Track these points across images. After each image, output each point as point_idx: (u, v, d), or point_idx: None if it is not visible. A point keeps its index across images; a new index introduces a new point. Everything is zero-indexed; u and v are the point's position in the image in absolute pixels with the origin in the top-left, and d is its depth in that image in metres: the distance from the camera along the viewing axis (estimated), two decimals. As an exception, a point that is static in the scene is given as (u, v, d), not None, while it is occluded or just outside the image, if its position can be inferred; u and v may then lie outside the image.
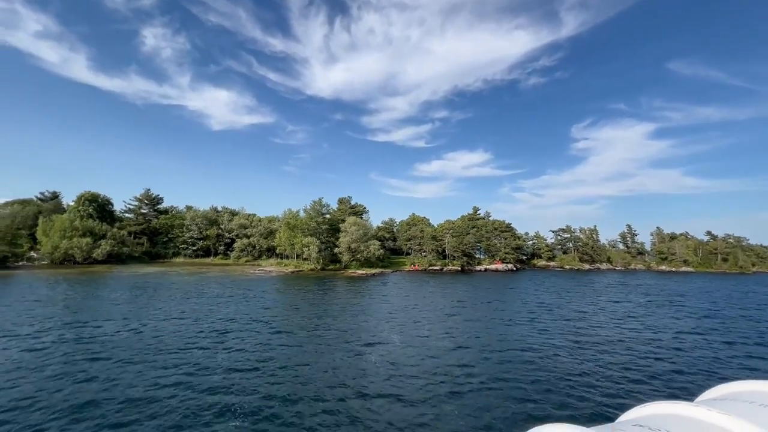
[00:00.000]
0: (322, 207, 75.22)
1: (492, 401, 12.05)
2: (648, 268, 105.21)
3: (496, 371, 15.06)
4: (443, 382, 13.46)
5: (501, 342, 19.39)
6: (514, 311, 29.19)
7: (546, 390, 13.14)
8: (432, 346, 18.21)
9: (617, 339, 20.54)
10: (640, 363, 16.26)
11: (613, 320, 26.38)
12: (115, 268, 59.38)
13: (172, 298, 31.37)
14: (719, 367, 16.26)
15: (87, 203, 70.61)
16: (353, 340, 19.01)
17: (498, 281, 57.90)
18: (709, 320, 27.14)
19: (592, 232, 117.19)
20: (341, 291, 40.27)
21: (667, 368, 15.70)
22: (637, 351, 18.18)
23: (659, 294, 44.28)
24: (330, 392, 12.27)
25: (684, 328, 24.16)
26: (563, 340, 20.00)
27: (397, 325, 22.84)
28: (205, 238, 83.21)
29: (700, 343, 20.42)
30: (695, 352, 18.52)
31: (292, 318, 24.13)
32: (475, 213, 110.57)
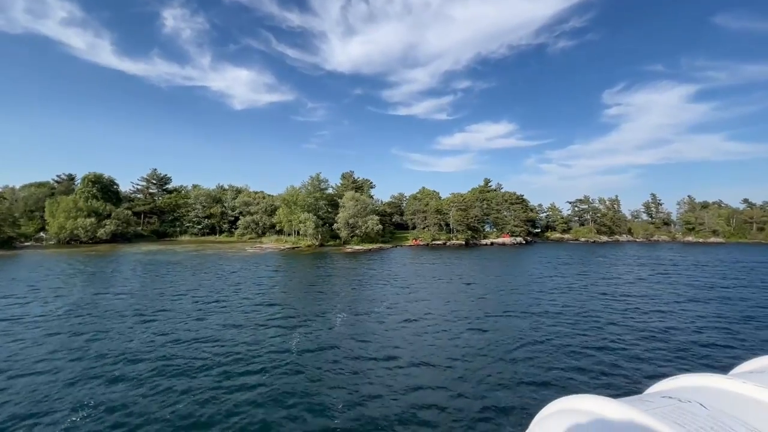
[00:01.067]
0: (321, 182, 73.46)
1: (512, 374, 11.84)
2: (673, 239, 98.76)
3: (503, 348, 14.21)
4: (457, 359, 12.03)
5: (504, 316, 17.34)
6: (505, 285, 26.88)
7: (566, 361, 12.70)
8: (431, 325, 16.41)
9: (606, 312, 18.04)
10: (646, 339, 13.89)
11: (607, 295, 23.66)
12: (118, 246, 60.61)
13: (135, 274, 30.91)
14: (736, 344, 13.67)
15: (91, 184, 71.86)
16: (307, 324, 17.41)
17: (499, 255, 55.09)
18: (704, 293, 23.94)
19: (614, 203, 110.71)
20: (325, 268, 38.92)
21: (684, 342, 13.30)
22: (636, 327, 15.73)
23: (655, 266, 40.48)
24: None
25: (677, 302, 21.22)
26: (567, 314, 17.72)
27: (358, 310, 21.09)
28: (210, 216, 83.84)
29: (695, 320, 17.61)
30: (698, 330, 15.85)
31: (249, 296, 22.84)
32: (486, 185, 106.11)
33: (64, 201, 66.03)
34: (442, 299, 22.93)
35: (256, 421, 8.96)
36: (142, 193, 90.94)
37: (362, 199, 71.08)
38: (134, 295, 23.12)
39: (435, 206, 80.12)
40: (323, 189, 73.85)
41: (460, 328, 16.53)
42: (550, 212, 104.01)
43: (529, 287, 27.42)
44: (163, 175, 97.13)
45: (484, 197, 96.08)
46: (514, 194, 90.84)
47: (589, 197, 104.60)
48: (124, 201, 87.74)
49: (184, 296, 22.92)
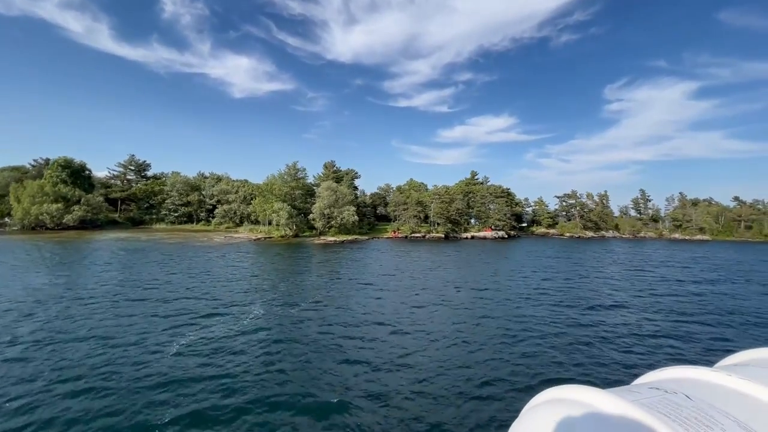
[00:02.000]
0: (298, 171, 71.56)
1: (498, 366, 11.58)
2: (660, 236, 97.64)
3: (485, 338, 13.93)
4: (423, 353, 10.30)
5: (474, 308, 15.87)
6: (469, 279, 25.41)
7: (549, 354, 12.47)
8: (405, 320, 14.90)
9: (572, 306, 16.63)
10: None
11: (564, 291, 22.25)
12: (84, 234, 58.85)
13: (74, 261, 29.27)
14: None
15: (60, 169, 69.62)
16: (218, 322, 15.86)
17: (474, 249, 53.68)
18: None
19: (603, 198, 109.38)
20: (285, 260, 37.33)
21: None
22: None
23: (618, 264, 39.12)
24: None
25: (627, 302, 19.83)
26: (539, 305, 16.28)
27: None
28: (187, 204, 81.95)
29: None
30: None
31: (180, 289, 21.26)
32: (472, 177, 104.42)
33: (30, 185, 63.98)
34: (398, 293, 21.45)
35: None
36: (119, 180, 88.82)
37: (340, 189, 69.35)
38: (52, 283, 21.52)
39: (416, 198, 78.44)
40: (300, 178, 71.91)
41: (428, 325, 15.06)
42: (537, 207, 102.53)
43: (485, 280, 26.00)
44: (143, 161, 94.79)
45: (470, 190, 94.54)
46: (499, 187, 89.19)
47: (576, 192, 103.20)
48: (100, 187, 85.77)
49: (104, 286, 21.35)
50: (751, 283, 28.90)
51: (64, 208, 63.76)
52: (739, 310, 19.56)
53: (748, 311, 19.48)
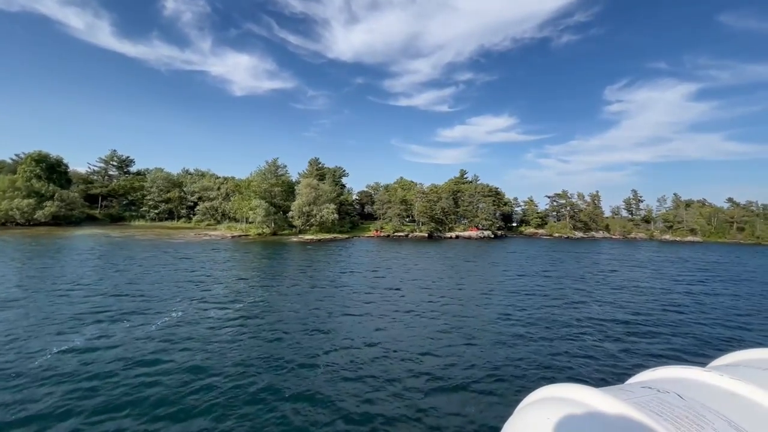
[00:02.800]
0: (278, 168, 69.96)
1: (491, 366, 11.20)
2: (651, 237, 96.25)
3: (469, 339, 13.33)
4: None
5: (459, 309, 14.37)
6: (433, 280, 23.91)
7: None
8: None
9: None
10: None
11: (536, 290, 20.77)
12: (54, 230, 57.21)
13: (18, 257, 27.72)
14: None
15: (34, 164, 68.03)
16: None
17: (455, 249, 52.16)
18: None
19: (594, 198, 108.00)
20: (247, 260, 35.77)
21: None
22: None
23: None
24: None
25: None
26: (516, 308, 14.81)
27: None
28: (167, 201, 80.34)
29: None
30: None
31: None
32: (461, 176, 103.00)
33: (1, 180, 62.40)
34: (346, 298, 19.94)
35: None
36: (99, 175, 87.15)
37: (321, 186, 67.82)
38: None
39: (400, 196, 76.91)
40: (281, 175, 70.31)
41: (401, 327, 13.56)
42: (527, 206, 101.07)
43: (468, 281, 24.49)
44: (126, 156, 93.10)
45: (458, 189, 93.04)
46: (486, 186, 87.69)
47: (567, 192, 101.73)
48: (81, 183, 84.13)
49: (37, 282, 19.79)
50: (713, 283, 27.47)
51: (35, 204, 62.12)
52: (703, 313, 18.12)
53: (716, 313, 18.04)
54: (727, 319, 17.80)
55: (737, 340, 14.83)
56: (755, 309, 20.17)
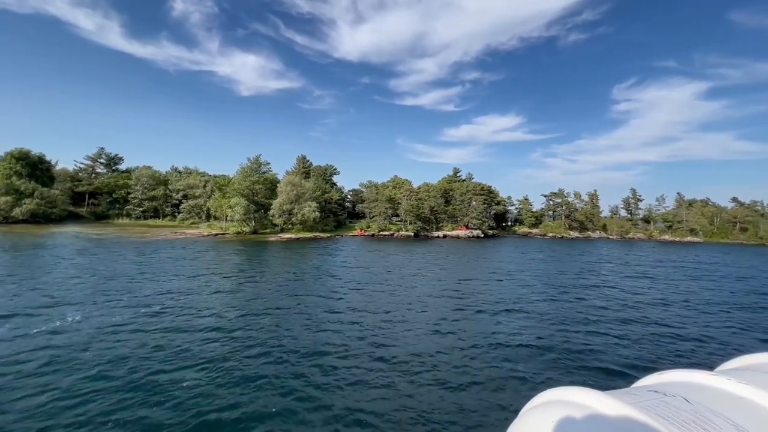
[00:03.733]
0: (261, 165, 68.45)
1: (491, 368, 10.73)
2: (649, 237, 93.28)
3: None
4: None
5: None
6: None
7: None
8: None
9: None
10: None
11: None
12: (30, 228, 56.28)
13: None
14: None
15: (14, 161, 67.28)
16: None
17: (440, 249, 50.21)
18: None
19: (593, 197, 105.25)
20: (204, 258, 34.20)
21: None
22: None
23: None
24: None
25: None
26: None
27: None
28: (152, 198, 79.31)
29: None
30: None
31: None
32: (454, 175, 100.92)
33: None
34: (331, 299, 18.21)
35: None
36: (86, 173, 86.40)
37: (303, 184, 66.20)
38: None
39: (387, 195, 75.05)
40: (264, 173, 68.77)
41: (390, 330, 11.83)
42: (521, 205, 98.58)
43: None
44: (114, 154, 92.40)
45: (450, 188, 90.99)
46: (478, 185, 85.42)
47: (563, 191, 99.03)
48: (68, 181, 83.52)
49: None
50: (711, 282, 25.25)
51: (13, 201, 61.30)
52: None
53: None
54: (733, 323, 15.83)
55: (744, 345, 13.19)
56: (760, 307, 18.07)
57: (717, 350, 13.10)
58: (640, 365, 11.44)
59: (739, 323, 16.71)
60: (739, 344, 13.90)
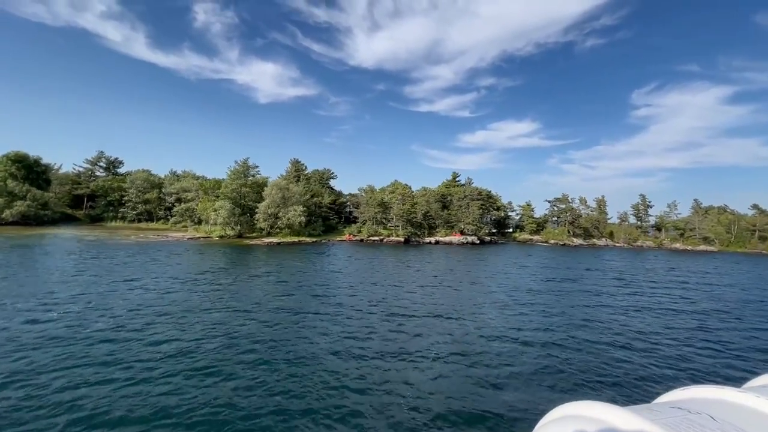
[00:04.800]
0: (249, 168, 67.64)
1: (504, 380, 9.95)
2: (659, 246, 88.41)
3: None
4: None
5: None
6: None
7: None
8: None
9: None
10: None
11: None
12: (21, 229, 56.57)
13: None
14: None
15: (10, 163, 68.32)
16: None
17: (426, 256, 47.96)
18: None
19: (600, 203, 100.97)
20: (162, 262, 32.95)
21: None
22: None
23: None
24: None
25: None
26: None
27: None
28: (146, 202, 79.50)
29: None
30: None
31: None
32: (453, 179, 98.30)
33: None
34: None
35: None
36: (85, 176, 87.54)
37: (290, 188, 65.00)
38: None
39: (378, 198, 73.13)
40: (252, 176, 67.89)
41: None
42: (523, 211, 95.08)
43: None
44: (114, 158, 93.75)
45: (448, 192, 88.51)
46: (475, 189, 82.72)
47: (567, 196, 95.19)
48: (68, 183, 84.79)
49: None
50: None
51: (5, 203, 61.95)
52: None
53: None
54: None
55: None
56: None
57: (743, 365, 12.00)
58: (660, 380, 10.38)
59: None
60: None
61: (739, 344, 14.58)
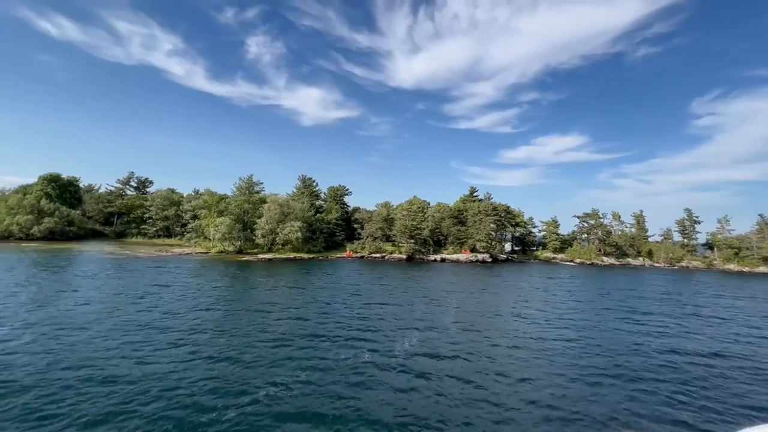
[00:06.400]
0: (254, 185, 68.34)
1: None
2: (709, 266, 77.24)
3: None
4: None
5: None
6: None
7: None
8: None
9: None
10: None
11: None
12: (46, 244, 60.56)
13: None
14: None
15: (46, 183, 74.39)
16: None
17: (416, 278, 44.67)
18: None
19: (638, 218, 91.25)
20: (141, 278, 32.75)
21: None
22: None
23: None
24: None
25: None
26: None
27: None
28: (164, 218, 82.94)
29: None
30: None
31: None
32: (471, 194, 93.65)
33: (11, 198, 68.65)
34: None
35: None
36: (114, 195, 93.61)
37: (290, 204, 64.54)
38: None
39: (383, 214, 70.65)
40: (255, 192, 68.41)
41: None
42: (546, 228, 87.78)
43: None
44: (144, 178, 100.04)
45: (465, 208, 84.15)
46: (490, 204, 77.64)
47: (597, 211, 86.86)
48: (99, 202, 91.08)
49: None
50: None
51: (34, 220, 66.90)
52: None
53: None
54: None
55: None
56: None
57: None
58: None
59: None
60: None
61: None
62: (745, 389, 12.65)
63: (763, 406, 11.30)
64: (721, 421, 10.21)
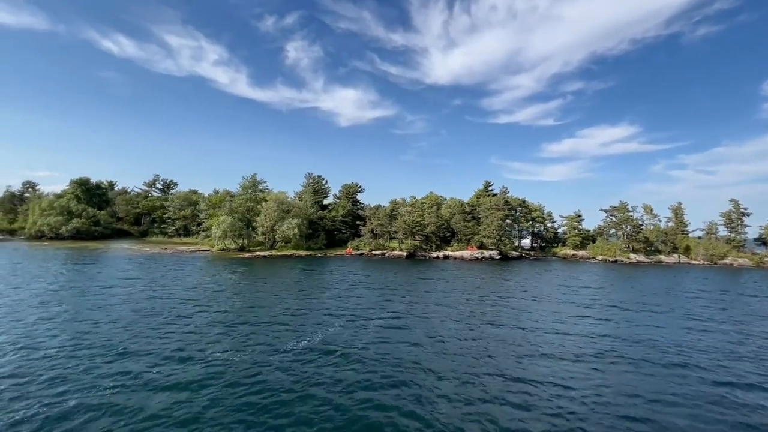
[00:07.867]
0: (258, 183, 69.25)
1: None
2: (758, 264, 68.12)
3: None
4: None
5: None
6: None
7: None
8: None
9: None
10: None
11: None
12: (70, 242, 65.20)
13: None
14: None
15: (76, 186, 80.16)
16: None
17: (404, 279, 42.83)
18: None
19: (676, 211, 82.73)
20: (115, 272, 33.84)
21: None
22: None
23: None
24: None
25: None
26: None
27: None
28: (182, 218, 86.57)
29: None
30: None
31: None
32: (485, 189, 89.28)
33: (44, 201, 74.61)
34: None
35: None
36: (141, 197, 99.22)
37: (290, 202, 64.64)
38: None
39: (387, 210, 68.87)
40: (260, 190, 69.27)
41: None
42: (567, 222, 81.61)
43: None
44: (169, 180, 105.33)
45: (479, 203, 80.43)
46: (501, 198, 73.35)
47: (626, 204, 79.38)
48: (126, 203, 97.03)
49: None
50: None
51: (64, 220, 72.16)
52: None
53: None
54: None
55: None
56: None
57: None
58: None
59: None
60: None
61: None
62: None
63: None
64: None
